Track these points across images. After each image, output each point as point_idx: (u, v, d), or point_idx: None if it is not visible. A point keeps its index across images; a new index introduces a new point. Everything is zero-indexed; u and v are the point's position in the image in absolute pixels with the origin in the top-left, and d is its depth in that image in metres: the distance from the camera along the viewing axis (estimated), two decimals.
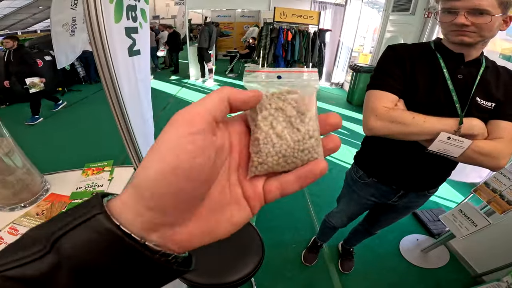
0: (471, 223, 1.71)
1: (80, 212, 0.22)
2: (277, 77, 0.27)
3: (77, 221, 0.21)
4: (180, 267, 0.25)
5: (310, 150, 0.27)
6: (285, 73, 0.27)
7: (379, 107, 0.99)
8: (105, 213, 0.22)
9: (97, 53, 0.99)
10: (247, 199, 0.28)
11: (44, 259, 0.20)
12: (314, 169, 0.27)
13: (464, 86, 0.97)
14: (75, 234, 0.21)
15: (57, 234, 0.21)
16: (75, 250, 0.21)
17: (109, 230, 0.21)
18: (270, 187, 0.28)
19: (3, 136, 0.92)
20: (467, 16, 0.86)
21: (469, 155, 0.93)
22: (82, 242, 0.21)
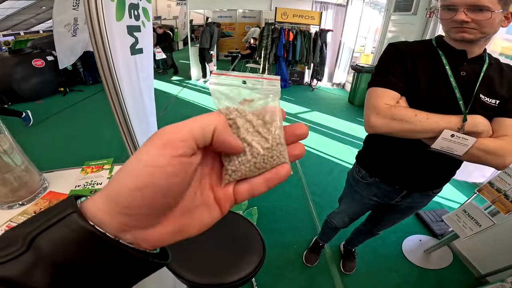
0: (475, 223, 1.69)
1: (55, 212, 0.23)
2: (242, 81, 0.29)
3: (52, 220, 0.22)
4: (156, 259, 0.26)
5: (278, 156, 0.29)
6: (249, 78, 0.29)
7: (381, 105, 0.97)
8: (78, 212, 0.23)
9: (98, 51, 0.99)
10: (218, 201, 0.29)
11: (21, 258, 0.21)
12: (280, 173, 0.29)
13: (467, 83, 0.96)
14: (51, 233, 0.22)
15: (34, 233, 0.22)
16: (52, 248, 0.22)
17: (83, 227, 0.22)
18: (241, 190, 0.29)
19: (2, 133, 0.91)
20: (467, 12, 0.85)
21: (474, 153, 0.91)
22: (58, 240, 0.22)
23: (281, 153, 0.30)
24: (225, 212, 0.30)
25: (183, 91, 6.86)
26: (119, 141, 1.23)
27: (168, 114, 5.25)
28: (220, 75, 0.29)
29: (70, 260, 0.22)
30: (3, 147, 0.90)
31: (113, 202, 0.23)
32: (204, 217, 0.28)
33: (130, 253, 0.24)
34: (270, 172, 0.29)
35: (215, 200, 0.29)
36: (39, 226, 0.22)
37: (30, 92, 5.71)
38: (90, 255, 0.22)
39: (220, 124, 0.26)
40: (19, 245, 0.21)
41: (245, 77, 0.29)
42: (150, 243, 0.25)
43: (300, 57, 6.79)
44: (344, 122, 5.13)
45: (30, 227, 0.22)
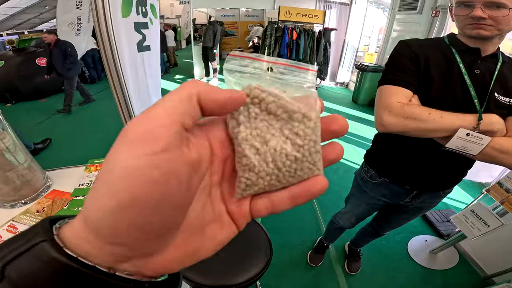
0: (484, 223, 1.66)
1: (24, 239, 0.18)
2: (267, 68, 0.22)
3: (20, 249, 0.18)
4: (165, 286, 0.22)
5: (310, 167, 0.23)
6: (278, 64, 0.22)
7: (393, 103, 0.95)
8: (51, 241, 0.18)
9: (103, 47, 0.97)
10: (231, 216, 0.24)
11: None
12: (312, 188, 0.23)
13: (482, 81, 0.93)
14: (19, 263, 0.17)
15: (3, 261, 0.17)
16: (22, 281, 0.17)
17: (56, 260, 0.17)
18: (259, 206, 0.23)
19: (5, 131, 0.90)
20: (484, 9, 0.84)
21: (488, 152, 0.89)
22: (27, 273, 0.17)
23: (315, 164, 0.23)
24: (241, 228, 0.24)
25: None
26: None
27: None
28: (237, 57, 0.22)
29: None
30: (6, 145, 0.89)
31: (93, 230, 0.18)
32: (217, 234, 0.23)
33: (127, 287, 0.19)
34: (299, 186, 0.23)
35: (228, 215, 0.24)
36: (8, 253, 0.18)
37: (34, 91, 5.74)
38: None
39: (200, 86, 0.19)
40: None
41: (272, 63, 0.22)
42: (155, 271, 0.20)
43: (304, 56, 6.76)
44: (348, 122, 5.06)
45: (2, 253, 0.18)
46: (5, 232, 0.84)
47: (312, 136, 0.22)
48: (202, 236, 0.22)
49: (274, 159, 0.22)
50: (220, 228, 0.23)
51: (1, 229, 0.85)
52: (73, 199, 1.00)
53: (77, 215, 0.19)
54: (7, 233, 0.84)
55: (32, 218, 0.90)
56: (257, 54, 0.22)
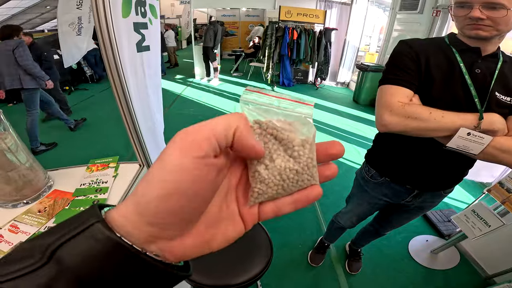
0: (485, 223, 1.66)
1: (78, 222, 0.22)
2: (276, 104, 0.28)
3: (75, 231, 0.21)
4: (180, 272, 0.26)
5: (308, 179, 0.28)
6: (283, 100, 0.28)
7: (394, 102, 0.95)
8: (103, 222, 0.22)
9: (104, 48, 0.97)
10: (242, 216, 0.28)
11: (40, 271, 0.20)
12: (310, 195, 0.28)
13: (483, 81, 0.94)
14: (74, 244, 0.21)
15: (55, 245, 0.20)
16: (75, 260, 0.20)
17: (110, 238, 0.21)
18: (266, 210, 0.29)
19: (7, 131, 0.90)
20: (482, 9, 0.84)
21: (490, 152, 0.89)
22: (82, 252, 0.20)
23: (312, 176, 0.28)
24: (248, 228, 0.29)
25: (186, 90, 6.87)
26: (125, 139, 1.22)
27: (172, 112, 5.26)
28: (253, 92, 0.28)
29: (94, 273, 0.20)
30: (7, 145, 0.89)
31: (139, 212, 0.22)
32: (228, 231, 0.28)
33: (157, 266, 0.23)
34: (299, 193, 0.29)
35: (239, 216, 0.28)
36: (61, 237, 0.21)
37: None
38: (115, 268, 0.21)
39: (242, 124, 0.24)
40: (38, 257, 0.20)
41: (279, 98, 0.28)
42: (175, 256, 0.24)
43: (304, 56, 6.76)
44: (349, 121, 5.11)
45: (51, 238, 0.21)
46: (7, 232, 0.84)
47: (309, 155, 0.28)
48: (216, 230, 0.27)
49: (280, 173, 0.27)
50: (232, 226, 0.28)
51: (3, 229, 0.85)
52: (74, 199, 1.00)
53: (124, 201, 0.23)
54: (9, 233, 0.84)
55: (34, 218, 0.91)
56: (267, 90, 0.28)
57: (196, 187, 0.22)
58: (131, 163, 1.23)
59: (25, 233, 0.84)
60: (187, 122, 2.28)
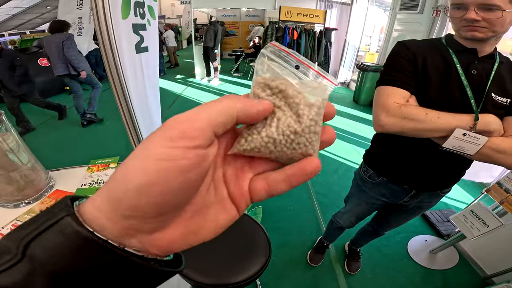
0: (483, 224, 1.67)
1: (47, 216, 0.20)
2: (295, 66, 0.26)
3: (44, 225, 0.20)
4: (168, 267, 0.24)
5: (306, 144, 0.25)
6: (305, 65, 0.26)
7: (390, 103, 0.96)
8: (73, 215, 0.20)
9: (104, 49, 0.98)
10: (232, 199, 0.26)
11: (16, 267, 0.19)
12: (306, 168, 0.25)
13: (479, 82, 0.95)
14: (44, 239, 0.19)
15: (26, 240, 0.19)
16: (46, 255, 0.19)
17: (79, 232, 0.19)
18: (256, 187, 0.26)
19: (8, 131, 0.91)
20: (477, 11, 0.85)
21: (485, 152, 0.90)
22: (52, 247, 0.19)
23: (311, 143, 0.25)
24: (241, 212, 0.26)
25: (187, 90, 6.88)
26: (125, 139, 1.23)
27: (173, 112, 5.21)
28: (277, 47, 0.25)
29: (67, 269, 0.19)
30: (9, 145, 0.90)
31: (115, 203, 0.20)
32: (218, 217, 0.25)
33: (137, 262, 0.21)
34: (293, 166, 0.25)
35: (230, 198, 0.26)
36: (32, 231, 0.20)
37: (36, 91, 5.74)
38: (88, 263, 0.20)
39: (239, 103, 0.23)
40: (14, 253, 0.19)
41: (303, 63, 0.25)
42: (159, 249, 0.22)
43: (305, 56, 6.75)
44: (349, 121, 5.11)
45: (23, 232, 0.20)
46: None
47: (314, 117, 0.25)
48: (205, 217, 0.24)
49: (277, 126, 0.24)
50: (222, 211, 0.25)
51: (5, 229, 0.86)
52: None
53: (98, 191, 0.21)
54: None
55: None
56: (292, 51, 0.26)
57: (182, 177, 0.20)
58: None
59: None
60: None
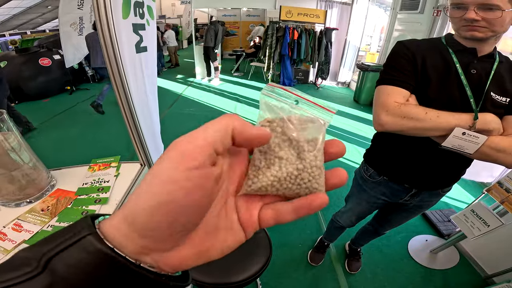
0: (483, 223, 1.67)
1: (70, 233, 0.22)
2: (294, 100, 0.27)
3: (68, 242, 0.21)
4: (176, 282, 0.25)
5: (310, 179, 0.27)
6: (303, 99, 0.27)
7: (390, 102, 0.96)
8: (95, 234, 0.22)
9: (106, 49, 0.98)
10: (242, 224, 0.28)
11: (36, 279, 0.20)
12: (313, 203, 0.27)
13: (478, 81, 0.95)
14: (67, 255, 0.21)
15: (49, 255, 0.21)
16: (67, 271, 0.20)
17: (100, 251, 0.21)
18: (265, 215, 0.28)
19: (10, 131, 0.91)
20: (477, 11, 0.85)
21: (485, 151, 0.91)
22: (74, 263, 0.21)
23: (314, 177, 0.27)
24: (249, 237, 0.28)
25: (187, 90, 6.88)
26: (126, 138, 1.23)
27: (173, 112, 5.27)
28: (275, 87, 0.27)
29: (86, 284, 0.21)
30: (11, 145, 0.90)
31: (130, 223, 0.22)
32: (228, 239, 0.27)
33: (150, 278, 0.23)
34: (302, 200, 0.27)
35: (239, 223, 0.27)
36: (55, 247, 0.21)
37: (37, 91, 5.78)
38: (107, 280, 0.21)
39: (236, 121, 0.24)
40: (34, 266, 0.20)
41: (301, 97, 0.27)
42: (171, 266, 0.24)
43: (305, 56, 6.76)
44: (350, 121, 5.11)
45: (46, 247, 0.21)
46: (10, 231, 0.86)
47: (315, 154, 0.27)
48: (215, 238, 0.26)
49: (280, 165, 0.26)
50: (231, 234, 0.27)
51: (7, 228, 0.87)
52: (77, 198, 1.01)
53: (116, 212, 0.23)
54: (12, 231, 0.86)
55: (37, 217, 0.92)
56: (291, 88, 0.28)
57: (189, 198, 0.22)
58: (132, 163, 1.24)
59: (29, 232, 0.86)
60: (188, 122, 2.32)
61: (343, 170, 0.29)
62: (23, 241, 0.82)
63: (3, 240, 0.82)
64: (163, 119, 1.73)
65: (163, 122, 1.68)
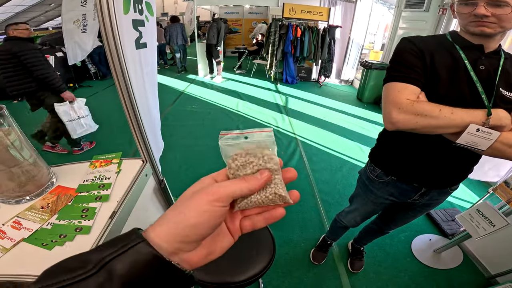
0: (489, 223, 1.64)
1: (125, 241, 0.31)
2: (244, 137, 0.38)
3: (126, 247, 0.30)
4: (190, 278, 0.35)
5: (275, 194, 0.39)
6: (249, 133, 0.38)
7: (402, 100, 0.94)
8: (145, 242, 0.31)
9: (108, 44, 0.97)
10: (230, 231, 0.40)
11: (90, 279, 0.27)
12: (275, 214, 0.40)
13: (487, 77, 0.94)
14: (125, 257, 0.30)
15: (108, 258, 0.29)
16: (124, 268, 0.29)
17: (151, 252, 0.30)
18: (244, 224, 0.40)
19: (10, 126, 0.90)
20: (487, 7, 0.85)
21: (497, 147, 0.90)
22: (131, 262, 0.29)
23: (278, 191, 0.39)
24: (236, 239, 0.40)
25: (190, 87, 6.87)
26: (128, 136, 1.22)
27: (176, 109, 5.27)
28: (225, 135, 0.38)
29: (138, 277, 0.29)
30: (11, 141, 0.89)
31: (175, 233, 0.32)
32: (223, 242, 0.39)
33: (179, 271, 0.33)
34: (268, 213, 0.40)
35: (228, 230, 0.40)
36: (114, 252, 0.30)
37: None
38: (152, 273, 0.30)
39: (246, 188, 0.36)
40: (89, 268, 0.28)
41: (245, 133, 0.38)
42: (190, 264, 0.35)
43: (308, 54, 6.73)
44: (353, 119, 5.08)
45: (105, 253, 0.30)
46: (10, 229, 0.84)
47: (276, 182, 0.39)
48: (217, 241, 0.38)
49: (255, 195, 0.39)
50: (226, 238, 0.39)
51: (6, 225, 0.85)
52: (77, 195, 1.00)
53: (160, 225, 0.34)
54: (12, 229, 0.84)
55: (37, 214, 0.90)
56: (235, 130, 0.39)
57: (215, 221, 0.34)
58: (134, 159, 1.23)
59: (28, 230, 0.84)
60: (191, 119, 2.30)
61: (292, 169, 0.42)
62: (22, 239, 0.81)
63: (2, 238, 0.81)
64: (166, 116, 1.73)
65: (166, 118, 1.68)
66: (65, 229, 0.84)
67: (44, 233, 0.83)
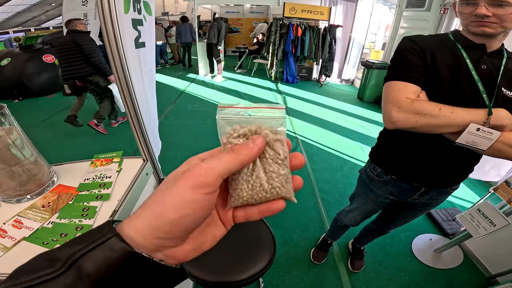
0: (490, 223, 1.64)
1: (96, 236, 0.27)
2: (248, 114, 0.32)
3: (95, 243, 0.26)
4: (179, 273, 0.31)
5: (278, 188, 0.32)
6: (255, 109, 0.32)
7: (402, 99, 0.94)
8: (118, 236, 0.27)
9: (109, 43, 0.97)
10: (222, 221, 0.35)
11: (59, 278, 0.24)
12: (273, 208, 0.34)
13: (489, 77, 0.94)
14: (94, 254, 0.26)
15: (77, 255, 0.26)
16: (95, 267, 0.25)
17: (124, 248, 0.26)
18: (238, 215, 0.35)
19: (11, 125, 0.90)
20: (488, 7, 0.84)
21: (498, 147, 0.89)
22: (101, 260, 0.26)
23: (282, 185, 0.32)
24: (228, 229, 0.36)
25: (190, 86, 6.88)
26: (128, 134, 1.22)
27: (177, 108, 5.27)
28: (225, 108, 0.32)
29: (110, 276, 0.26)
30: (12, 139, 0.89)
31: (154, 228, 0.27)
32: (215, 232, 0.34)
33: (161, 268, 0.28)
34: (264, 205, 0.34)
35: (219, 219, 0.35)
36: (82, 248, 0.26)
37: (41, 87, 5.81)
38: (127, 272, 0.26)
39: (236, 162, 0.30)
40: (58, 267, 0.25)
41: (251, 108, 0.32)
42: (177, 259, 0.30)
43: (309, 53, 6.72)
44: (353, 119, 5.08)
45: (73, 249, 0.26)
46: (11, 227, 0.84)
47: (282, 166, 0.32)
48: (206, 233, 0.33)
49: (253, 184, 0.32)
50: (217, 228, 0.35)
51: (7, 224, 0.85)
52: (78, 194, 1.00)
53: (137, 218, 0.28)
54: (13, 228, 0.84)
55: (38, 213, 0.91)
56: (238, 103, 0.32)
57: (202, 213, 0.29)
58: (135, 158, 1.23)
59: (29, 228, 0.84)
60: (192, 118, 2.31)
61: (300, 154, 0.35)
62: (22, 238, 0.81)
63: (3, 237, 0.81)
64: (167, 115, 1.73)
65: (167, 117, 1.68)
66: (66, 228, 0.84)
67: (45, 232, 0.83)
